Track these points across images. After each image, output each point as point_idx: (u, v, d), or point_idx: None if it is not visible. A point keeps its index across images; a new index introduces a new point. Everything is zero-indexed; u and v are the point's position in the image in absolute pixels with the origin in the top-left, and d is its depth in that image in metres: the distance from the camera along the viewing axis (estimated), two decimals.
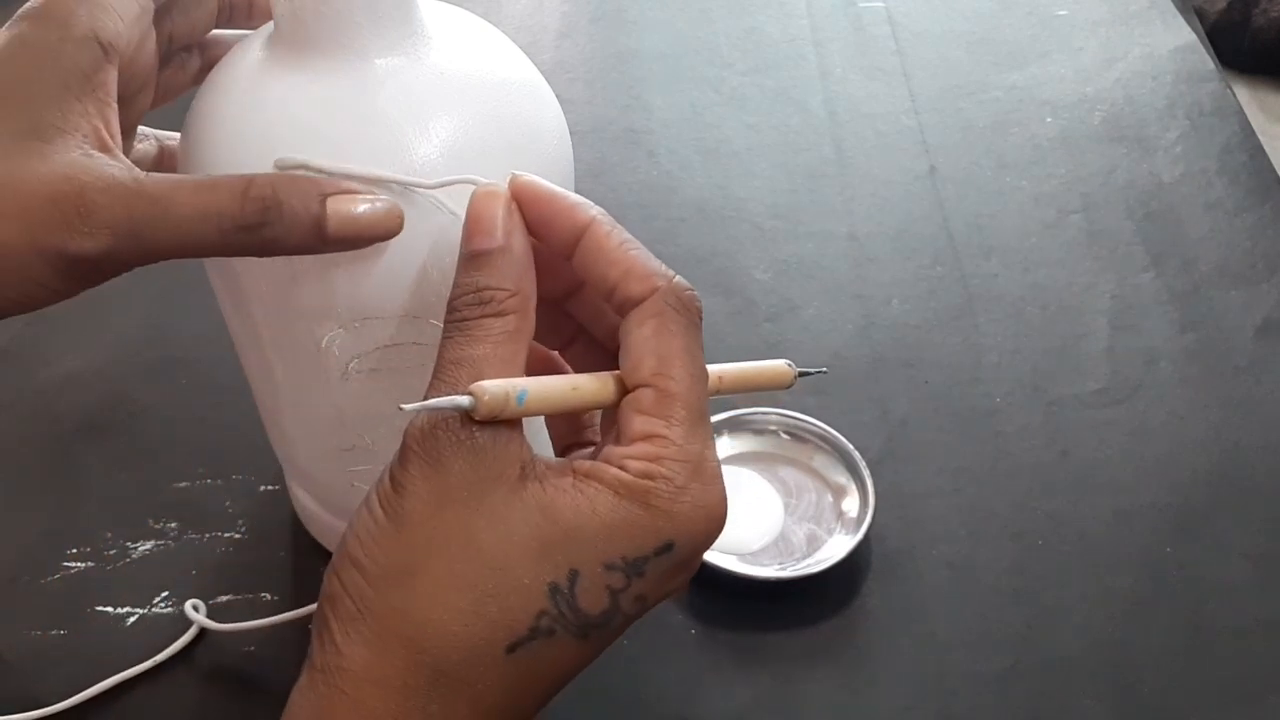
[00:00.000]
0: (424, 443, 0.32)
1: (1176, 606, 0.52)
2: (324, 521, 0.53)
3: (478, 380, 0.32)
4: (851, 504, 0.54)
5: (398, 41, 0.40)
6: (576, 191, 0.50)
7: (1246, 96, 2.01)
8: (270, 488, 0.58)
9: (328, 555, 0.54)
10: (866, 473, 0.55)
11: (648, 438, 0.34)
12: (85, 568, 0.55)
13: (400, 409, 0.32)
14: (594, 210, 0.36)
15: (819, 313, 0.67)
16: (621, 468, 0.33)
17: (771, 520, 0.54)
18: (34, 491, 0.59)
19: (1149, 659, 0.50)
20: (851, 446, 0.56)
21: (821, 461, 0.56)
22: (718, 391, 0.38)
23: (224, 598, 0.53)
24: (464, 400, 0.32)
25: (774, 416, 0.58)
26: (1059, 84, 0.82)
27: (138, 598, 0.53)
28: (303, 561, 0.55)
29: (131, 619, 0.53)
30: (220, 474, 0.59)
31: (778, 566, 0.53)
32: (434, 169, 0.38)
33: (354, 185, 0.37)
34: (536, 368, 0.39)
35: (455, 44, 0.42)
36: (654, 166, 0.77)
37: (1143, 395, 0.61)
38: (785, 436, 0.57)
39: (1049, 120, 0.79)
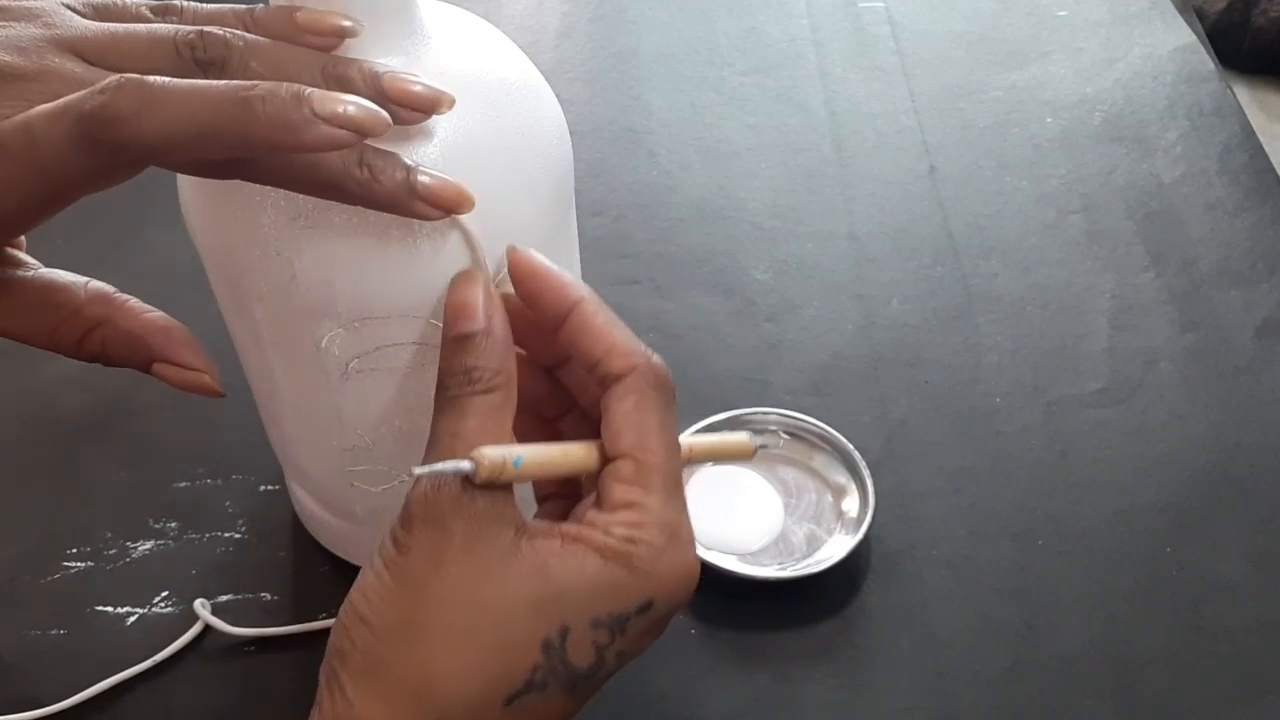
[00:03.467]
0: (426, 506, 0.35)
1: (1176, 606, 0.52)
2: (324, 521, 0.53)
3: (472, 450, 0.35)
4: (851, 504, 0.54)
5: (398, 41, 0.40)
6: (576, 192, 0.50)
7: (1246, 96, 2.01)
8: (270, 488, 0.58)
9: (328, 555, 0.54)
10: (866, 473, 0.55)
11: (629, 505, 0.37)
12: (85, 568, 0.55)
13: (410, 472, 0.35)
14: (583, 290, 0.39)
15: (819, 313, 0.67)
16: (606, 532, 0.36)
17: (771, 520, 0.54)
18: (34, 491, 0.59)
19: (1149, 659, 0.50)
20: (851, 446, 0.56)
21: (821, 461, 0.56)
22: (688, 461, 0.41)
23: (224, 598, 0.53)
24: (466, 465, 0.34)
25: (774, 416, 0.58)
26: (1059, 84, 0.82)
27: (138, 598, 0.53)
28: (303, 561, 0.55)
29: (131, 619, 0.53)
30: (220, 474, 0.59)
31: (778, 566, 0.53)
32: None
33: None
34: (533, 433, 0.42)
35: (455, 44, 0.42)
36: (654, 166, 0.77)
37: (1143, 395, 0.61)
38: (785, 436, 0.57)
39: (1049, 120, 0.79)
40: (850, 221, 0.72)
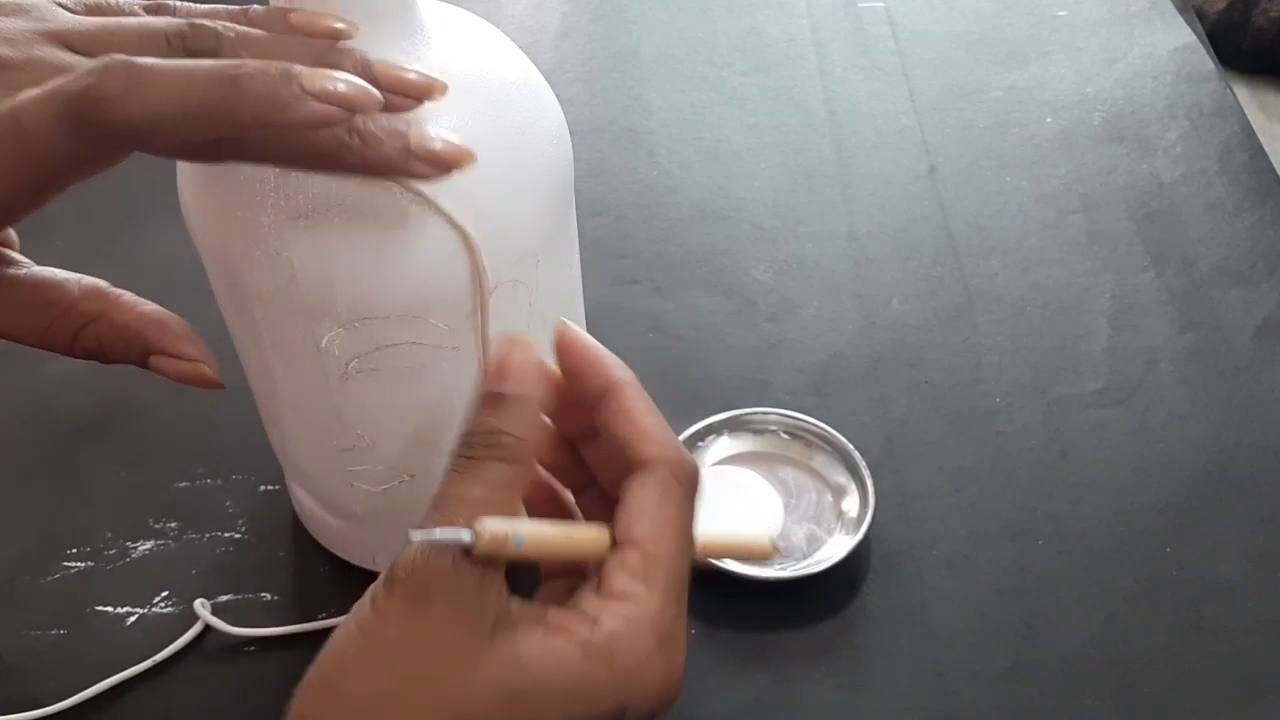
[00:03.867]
0: (412, 575, 0.33)
1: (1176, 606, 0.52)
2: (324, 521, 0.53)
3: (476, 519, 0.33)
4: (851, 504, 0.54)
5: (398, 41, 0.40)
6: (577, 191, 0.50)
7: (1246, 96, 2.01)
8: (270, 488, 0.58)
9: (328, 555, 0.54)
10: (866, 473, 0.55)
11: (625, 597, 0.35)
12: (85, 568, 0.55)
13: (409, 535, 0.33)
14: (626, 373, 0.38)
15: (819, 313, 0.67)
16: (595, 623, 0.35)
17: (771, 520, 0.54)
18: (34, 491, 0.59)
19: (1149, 659, 0.50)
20: (851, 446, 0.56)
21: (821, 461, 0.56)
22: (700, 558, 0.39)
23: (224, 598, 0.53)
24: (465, 536, 0.33)
25: (774, 416, 0.58)
26: (1059, 84, 0.82)
27: (138, 598, 0.53)
28: (303, 561, 0.55)
29: (131, 619, 0.53)
30: (220, 474, 0.59)
31: (778, 566, 0.53)
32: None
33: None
34: (545, 508, 0.41)
35: (455, 44, 0.42)
36: (654, 166, 0.77)
37: (1143, 395, 0.61)
38: (785, 436, 0.57)
39: (1049, 120, 0.79)
40: (850, 221, 0.72)
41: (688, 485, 0.38)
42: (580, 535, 0.37)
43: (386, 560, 0.43)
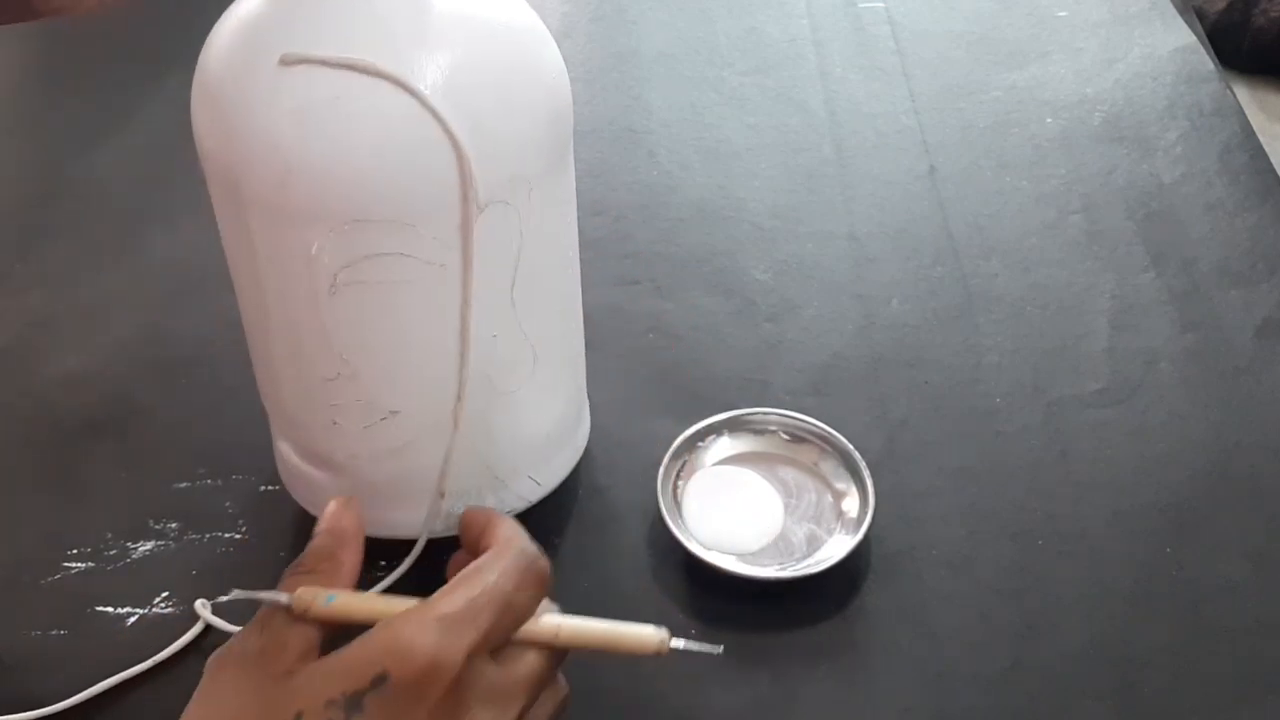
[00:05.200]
0: (217, 662, 0.39)
1: (1176, 606, 0.52)
2: (305, 476, 0.53)
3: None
4: (851, 504, 0.54)
5: None
6: (577, 192, 0.50)
7: (1246, 96, 2.01)
8: (270, 488, 0.58)
9: None
10: (866, 473, 0.55)
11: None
12: (85, 568, 0.55)
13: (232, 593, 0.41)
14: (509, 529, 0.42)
15: (819, 313, 0.67)
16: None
17: (771, 520, 0.54)
18: (34, 491, 0.59)
19: (1149, 659, 0.50)
20: (851, 446, 0.56)
21: (821, 461, 0.56)
22: (553, 643, 0.40)
23: (224, 598, 0.53)
24: (283, 597, 0.39)
25: (774, 417, 0.58)
26: (1059, 84, 0.82)
27: (138, 598, 0.53)
28: None
29: (132, 619, 0.53)
30: (220, 474, 0.59)
31: (778, 567, 0.53)
32: (436, 86, 0.40)
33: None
34: None
35: None
36: (654, 166, 0.77)
37: (1143, 395, 0.61)
38: (785, 436, 0.57)
39: (1049, 120, 0.79)
40: (850, 221, 0.72)
41: (526, 563, 0.40)
42: (379, 605, 0.39)
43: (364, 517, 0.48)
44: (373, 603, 0.40)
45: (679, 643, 0.40)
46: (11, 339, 0.67)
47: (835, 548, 0.53)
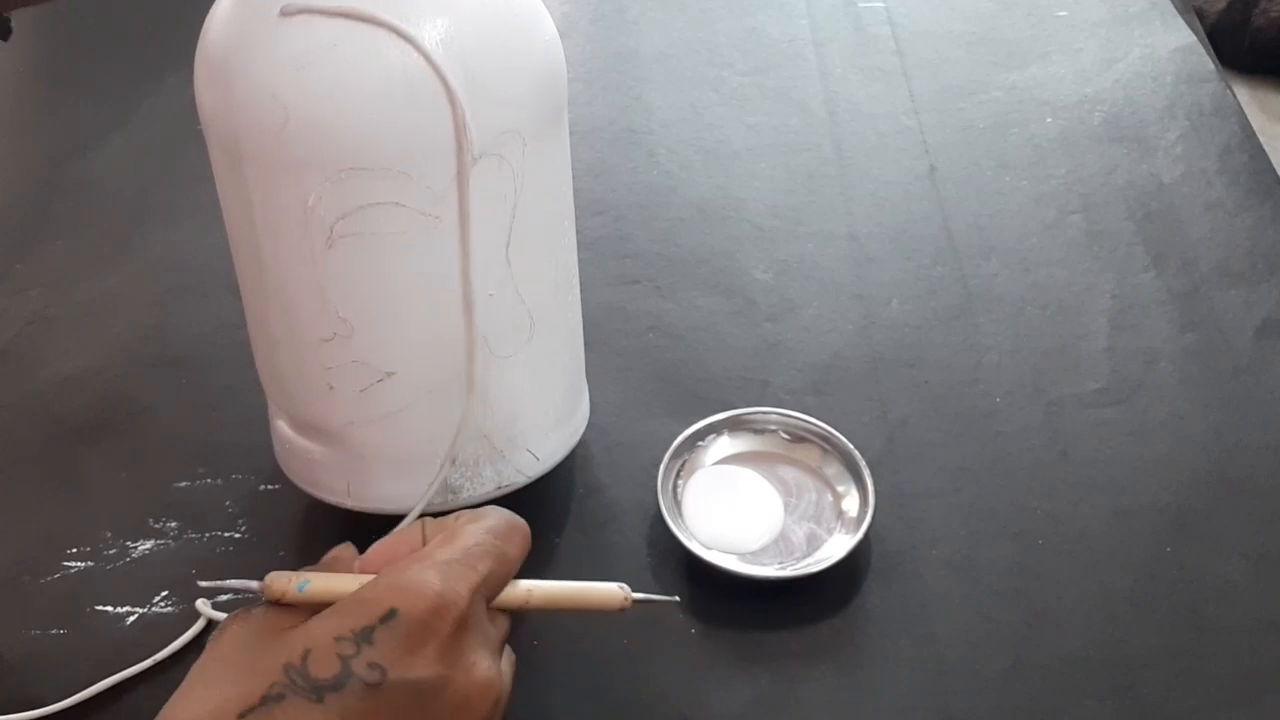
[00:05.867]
0: (221, 625, 0.39)
1: (1176, 606, 0.52)
2: (303, 455, 0.53)
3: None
4: (851, 503, 0.54)
5: None
6: (577, 191, 0.50)
7: (1246, 96, 2.01)
8: (270, 487, 0.58)
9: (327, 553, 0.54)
10: (866, 472, 0.55)
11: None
12: (85, 567, 0.55)
13: (199, 586, 0.41)
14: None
15: (819, 313, 0.67)
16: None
17: (771, 520, 0.54)
18: (34, 491, 0.59)
19: (1149, 659, 0.50)
20: (851, 446, 0.56)
21: (822, 461, 0.56)
22: (527, 604, 0.42)
23: (224, 597, 0.53)
24: (254, 584, 0.39)
25: (774, 416, 0.58)
26: (1059, 84, 0.82)
27: (138, 597, 0.53)
28: (303, 561, 0.54)
29: (131, 618, 0.53)
30: (220, 474, 0.59)
31: (778, 566, 0.53)
32: (434, 40, 0.41)
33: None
34: None
35: None
36: (654, 166, 0.77)
37: (1143, 395, 0.61)
38: (785, 436, 0.57)
39: (1049, 120, 0.79)
40: (850, 221, 0.72)
41: (508, 527, 0.41)
42: (364, 581, 0.40)
43: (360, 491, 0.51)
44: (356, 580, 0.40)
45: (639, 595, 0.43)
46: (11, 339, 0.67)
47: (835, 547, 0.53)
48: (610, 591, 0.43)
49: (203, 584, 0.41)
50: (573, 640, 0.50)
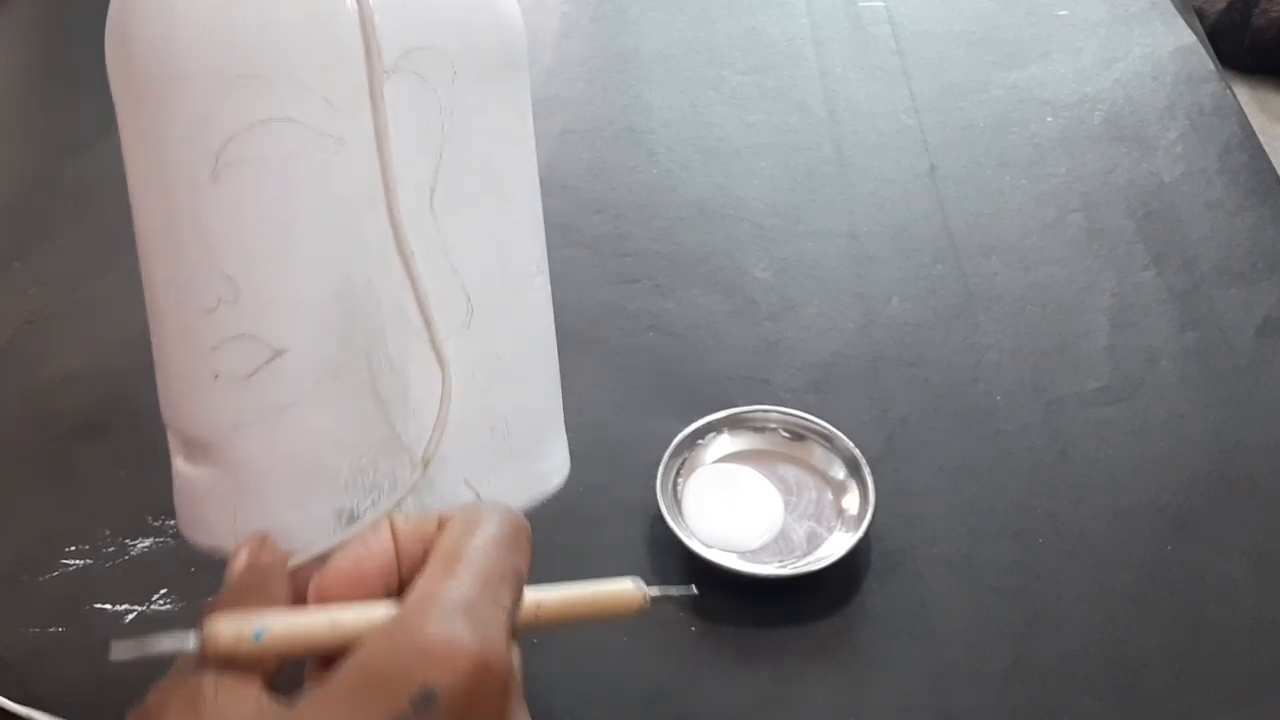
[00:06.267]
0: (155, 694, 0.29)
1: (1176, 606, 0.52)
2: (187, 487, 0.44)
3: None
4: (852, 502, 0.54)
5: None
6: (577, 190, 0.50)
7: (1246, 96, 2.01)
8: None
9: None
10: (867, 471, 0.55)
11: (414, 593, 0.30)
12: (84, 565, 0.55)
13: (111, 648, 0.28)
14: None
15: (819, 312, 0.67)
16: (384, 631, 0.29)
17: (772, 518, 0.54)
18: (33, 490, 0.59)
19: (1149, 658, 0.50)
20: (852, 445, 0.56)
21: (822, 459, 0.56)
22: (535, 622, 0.34)
23: (120, 643, 0.53)
24: (190, 642, 0.28)
25: (774, 415, 0.58)
26: (1059, 84, 0.82)
27: (137, 595, 0.53)
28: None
29: (130, 616, 0.53)
30: None
31: (778, 564, 0.52)
32: None
33: None
34: None
35: None
36: (654, 166, 0.77)
37: (1143, 394, 0.61)
38: (785, 434, 0.57)
39: (1049, 120, 0.79)
40: (850, 220, 0.72)
41: (504, 520, 0.33)
42: (348, 620, 0.30)
43: (246, 522, 0.40)
44: (324, 629, 0.30)
45: (654, 590, 0.37)
46: (11, 339, 0.67)
47: (835, 545, 0.53)
48: (627, 594, 0.36)
49: (117, 646, 0.29)
50: (573, 639, 0.50)
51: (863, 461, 0.55)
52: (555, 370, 0.46)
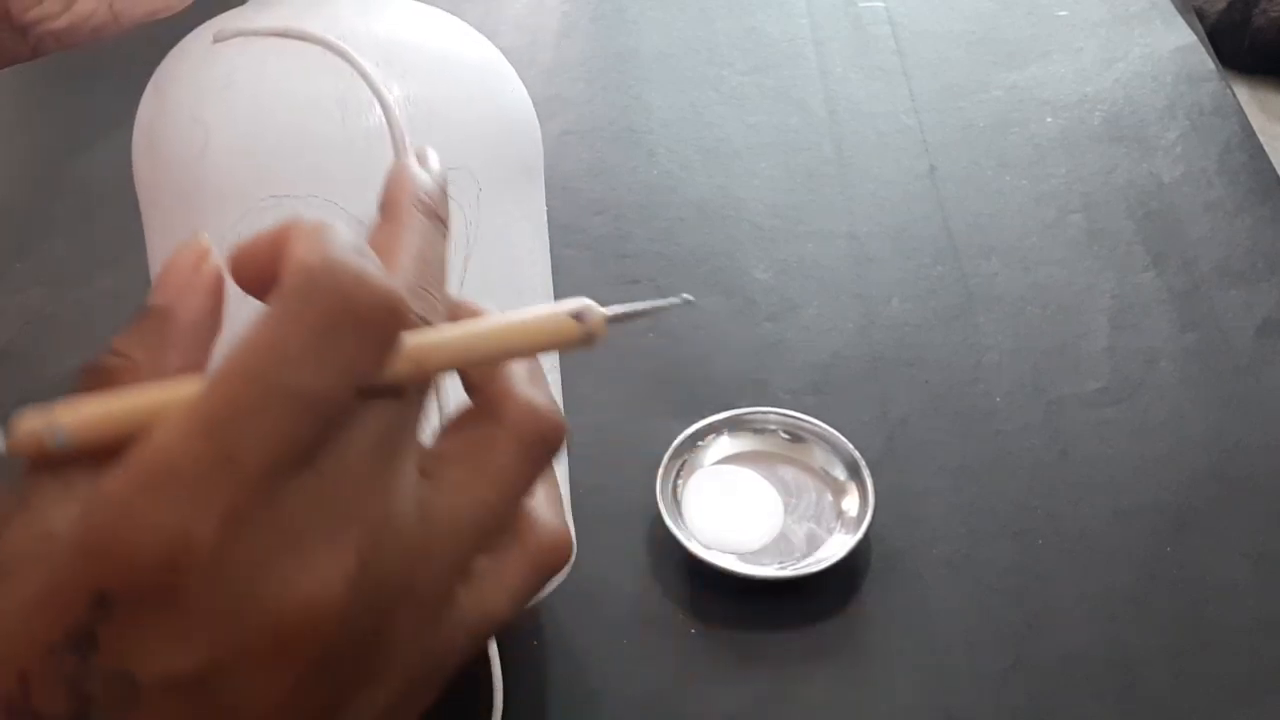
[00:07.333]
0: None
1: (1176, 606, 0.52)
2: None
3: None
4: (851, 503, 0.54)
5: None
6: (577, 191, 0.50)
7: (1246, 96, 2.01)
8: None
9: None
10: (866, 472, 0.55)
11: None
12: None
13: None
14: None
15: (819, 312, 0.67)
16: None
17: (771, 519, 0.54)
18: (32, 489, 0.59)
19: (1149, 658, 0.50)
20: (851, 446, 0.56)
21: (821, 460, 0.56)
22: (423, 371, 0.24)
23: None
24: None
25: (774, 416, 0.58)
26: (1059, 84, 0.82)
27: None
28: None
29: None
30: None
31: (777, 566, 0.53)
32: (368, 49, 0.38)
33: None
34: None
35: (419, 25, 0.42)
36: (654, 166, 0.77)
37: (1143, 394, 0.61)
38: (785, 436, 0.57)
39: (1049, 120, 0.79)
40: (850, 221, 0.72)
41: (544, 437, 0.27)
42: (145, 403, 0.24)
43: None
44: (149, 395, 0.24)
45: (617, 310, 0.26)
46: (11, 339, 0.67)
47: (835, 547, 0.53)
48: (557, 321, 0.25)
49: None
50: (573, 640, 0.50)
51: (862, 462, 0.55)
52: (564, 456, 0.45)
